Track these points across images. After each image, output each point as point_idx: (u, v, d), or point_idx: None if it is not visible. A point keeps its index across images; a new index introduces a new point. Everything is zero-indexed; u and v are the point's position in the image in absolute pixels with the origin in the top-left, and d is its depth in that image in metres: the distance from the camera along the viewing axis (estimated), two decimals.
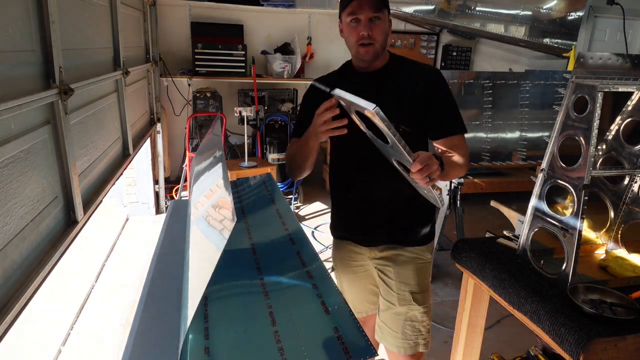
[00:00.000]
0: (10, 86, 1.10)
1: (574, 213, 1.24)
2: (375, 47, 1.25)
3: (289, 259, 1.16)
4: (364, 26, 1.23)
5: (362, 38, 1.24)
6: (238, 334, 0.88)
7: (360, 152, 1.34)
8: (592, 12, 4.08)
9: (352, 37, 1.26)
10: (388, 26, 1.28)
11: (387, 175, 1.33)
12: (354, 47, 1.28)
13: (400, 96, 1.30)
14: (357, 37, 1.24)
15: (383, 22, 1.25)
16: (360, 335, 0.87)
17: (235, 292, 1.05)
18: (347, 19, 1.26)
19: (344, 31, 1.30)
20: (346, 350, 0.82)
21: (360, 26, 1.23)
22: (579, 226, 1.23)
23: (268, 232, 1.32)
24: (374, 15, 1.22)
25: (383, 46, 1.28)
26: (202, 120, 3.71)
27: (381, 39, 1.26)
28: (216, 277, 0.98)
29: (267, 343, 0.85)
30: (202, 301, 0.96)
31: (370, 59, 1.28)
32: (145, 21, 3.30)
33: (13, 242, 1.08)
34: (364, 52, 1.26)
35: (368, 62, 1.29)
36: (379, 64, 1.33)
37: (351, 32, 1.26)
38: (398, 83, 1.32)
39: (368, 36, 1.23)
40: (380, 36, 1.25)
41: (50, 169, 1.33)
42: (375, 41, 1.24)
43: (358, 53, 1.28)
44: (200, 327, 0.89)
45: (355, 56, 1.32)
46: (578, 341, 1.09)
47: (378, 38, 1.24)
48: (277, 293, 1.01)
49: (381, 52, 1.29)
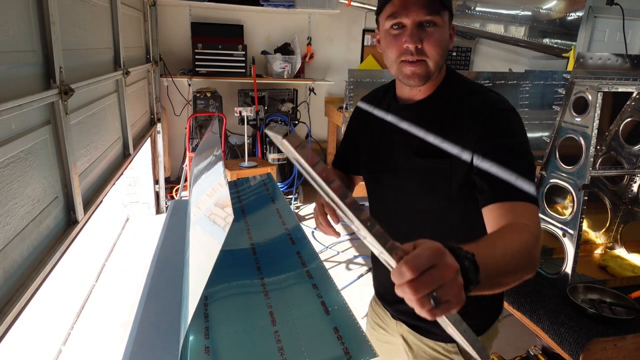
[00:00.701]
0: (11, 86, 1.10)
1: (574, 213, 1.24)
2: (426, 66, 0.87)
3: (289, 258, 1.16)
4: (411, 35, 0.84)
5: (405, 52, 0.86)
6: (238, 334, 0.88)
7: (383, 199, 1.04)
8: (592, 12, 4.08)
9: (391, 50, 0.89)
10: (449, 36, 0.89)
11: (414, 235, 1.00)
12: (394, 65, 0.90)
13: (442, 148, 0.90)
14: (399, 50, 0.87)
15: (441, 30, 0.86)
16: (361, 335, 0.87)
17: (235, 292, 1.05)
18: (386, 24, 0.88)
19: (382, 41, 0.92)
20: (346, 350, 0.82)
21: (404, 35, 0.86)
22: (579, 226, 1.23)
23: (268, 232, 1.33)
24: (426, 19, 0.84)
25: (439, 65, 0.88)
26: (202, 120, 3.71)
27: (436, 55, 0.86)
28: (217, 277, 0.99)
29: (267, 343, 0.85)
30: (202, 301, 0.97)
31: (418, 83, 0.89)
32: (146, 21, 3.30)
33: (14, 242, 1.08)
34: (409, 73, 0.88)
35: (415, 86, 0.91)
36: (423, 92, 0.94)
37: (391, 44, 0.88)
38: (444, 125, 0.90)
39: (416, 50, 0.85)
40: (435, 50, 0.86)
41: (51, 169, 1.33)
42: (427, 56, 0.86)
43: (400, 73, 0.90)
44: (201, 327, 0.89)
45: (397, 76, 0.93)
46: (577, 341, 1.09)
47: (431, 53, 0.86)
48: (277, 293, 1.01)
49: (435, 73, 0.89)
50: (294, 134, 0.49)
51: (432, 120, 0.92)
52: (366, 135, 1.08)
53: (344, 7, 3.95)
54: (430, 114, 0.93)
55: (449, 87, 0.94)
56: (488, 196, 0.81)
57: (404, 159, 0.96)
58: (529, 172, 0.81)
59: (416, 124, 0.95)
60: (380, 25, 0.93)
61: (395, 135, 0.98)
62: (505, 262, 0.64)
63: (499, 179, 0.81)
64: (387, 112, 1.02)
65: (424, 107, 0.94)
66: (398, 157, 0.97)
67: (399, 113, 0.98)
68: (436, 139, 0.91)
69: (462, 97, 0.91)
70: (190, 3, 3.76)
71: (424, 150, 0.92)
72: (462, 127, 0.87)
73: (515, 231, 0.71)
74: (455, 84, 0.94)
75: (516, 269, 0.66)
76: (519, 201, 0.78)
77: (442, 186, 0.91)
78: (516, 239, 0.69)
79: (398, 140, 0.97)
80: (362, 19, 4.26)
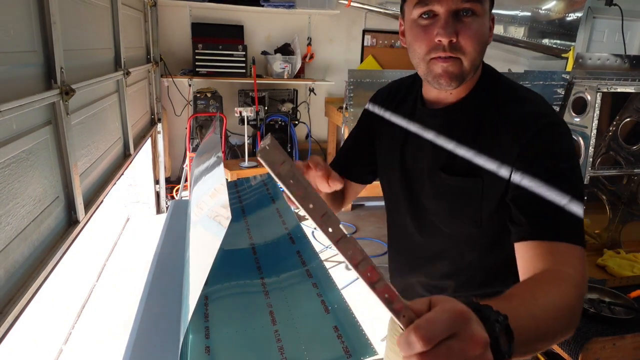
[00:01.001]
0: (12, 87, 1.10)
1: None
2: (460, 65, 0.72)
3: (289, 258, 1.16)
4: (444, 26, 0.69)
5: (436, 48, 0.71)
6: (238, 333, 0.88)
7: (401, 219, 0.93)
8: (591, 13, 4.09)
9: (419, 44, 0.73)
10: (488, 29, 0.75)
11: (434, 262, 0.88)
12: (421, 63, 0.75)
13: (475, 163, 0.76)
14: (429, 45, 0.72)
15: (480, 21, 0.71)
16: (361, 334, 0.87)
17: (235, 292, 1.05)
18: (413, 13, 0.73)
19: (407, 34, 0.77)
20: (346, 349, 0.83)
21: (436, 26, 0.70)
22: None
23: (268, 231, 1.33)
24: (463, 6, 0.70)
25: (476, 64, 0.74)
26: (202, 120, 3.71)
27: (473, 52, 0.72)
28: (217, 277, 0.99)
29: (268, 342, 0.85)
30: (202, 300, 0.97)
31: (449, 85, 0.73)
32: (146, 22, 3.31)
33: (15, 242, 1.09)
34: (439, 71, 0.73)
35: (445, 88, 0.75)
36: (456, 95, 0.79)
37: (419, 37, 0.73)
38: (478, 135, 0.76)
39: (449, 45, 0.70)
40: (473, 45, 0.71)
41: (52, 169, 1.33)
42: (463, 53, 0.71)
43: (429, 73, 0.74)
44: (201, 327, 0.89)
45: (425, 77, 0.77)
46: (577, 340, 1.10)
47: (468, 49, 0.71)
48: (277, 292, 1.02)
49: (470, 73, 0.74)
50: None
51: (464, 130, 0.77)
52: (382, 140, 0.93)
53: (344, 8, 3.96)
54: (462, 121, 0.78)
55: (485, 89, 0.78)
56: (524, 231, 0.67)
57: (428, 175, 0.82)
58: (578, 205, 0.66)
59: (444, 133, 0.79)
60: (405, 14, 0.76)
61: (418, 146, 0.84)
62: (545, 325, 0.52)
63: (541, 211, 0.67)
64: (410, 116, 0.87)
65: (455, 113, 0.79)
66: (421, 171, 0.84)
67: (425, 119, 0.83)
68: (468, 152, 0.76)
69: (503, 104, 0.76)
70: (190, 4, 3.76)
71: (453, 165, 0.78)
72: (501, 141, 0.72)
73: (558, 283, 0.58)
74: (493, 86, 0.79)
75: (556, 331, 0.54)
76: (562, 242, 0.64)
77: (471, 209, 0.78)
78: (558, 293, 0.56)
79: (422, 152, 0.84)
80: (362, 20, 4.26)
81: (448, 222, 0.84)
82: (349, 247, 0.37)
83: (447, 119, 0.80)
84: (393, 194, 0.94)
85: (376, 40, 4.35)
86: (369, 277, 0.37)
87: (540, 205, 0.67)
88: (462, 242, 0.84)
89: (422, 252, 0.90)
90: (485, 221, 0.78)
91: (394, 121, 0.90)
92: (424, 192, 0.85)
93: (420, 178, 0.85)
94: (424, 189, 0.85)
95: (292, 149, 3.96)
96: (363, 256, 0.37)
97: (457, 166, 0.78)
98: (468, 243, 0.84)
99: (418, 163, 0.85)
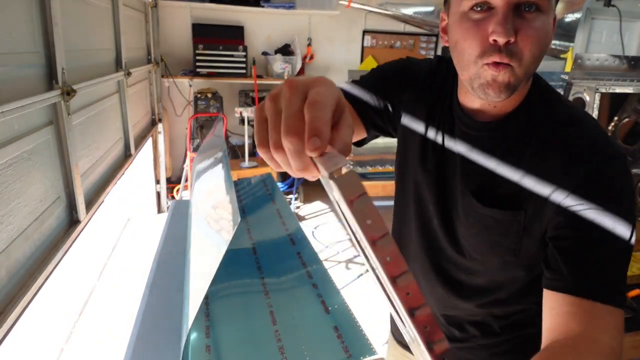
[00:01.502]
0: (14, 87, 1.11)
1: None
2: (512, 73, 0.58)
3: (289, 258, 1.17)
4: (502, 22, 0.55)
5: (491, 50, 0.57)
6: (239, 333, 0.89)
7: (424, 239, 0.81)
8: (590, 14, 4.09)
9: (469, 44, 0.59)
10: (552, 29, 0.61)
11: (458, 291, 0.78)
12: (471, 66, 0.60)
13: (517, 194, 0.65)
14: (482, 45, 0.58)
15: (544, 20, 0.58)
16: (361, 334, 0.88)
17: (236, 292, 1.06)
18: (463, 5, 0.60)
19: (453, 30, 0.63)
20: (346, 349, 0.83)
21: (491, 21, 0.57)
22: None
23: (268, 232, 1.33)
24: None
25: (530, 73, 0.61)
26: (203, 120, 3.72)
27: (530, 58, 0.58)
28: (217, 277, 0.99)
29: (268, 342, 0.85)
30: (203, 300, 0.97)
31: (496, 96, 0.60)
32: (147, 22, 3.32)
33: (17, 242, 1.09)
34: (489, 81, 0.59)
35: (490, 99, 0.61)
36: (501, 108, 0.66)
37: (469, 33, 0.59)
38: (523, 160, 0.64)
39: (505, 47, 0.57)
40: (531, 50, 0.58)
41: (53, 169, 1.34)
42: (518, 59, 0.58)
43: (476, 79, 0.60)
44: (202, 326, 0.90)
45: (469, 84, 0.62)
46: None
47: (526, 53, 0.57)
48: (277, 293, 1.02)
49: (522, 83, 0.61)
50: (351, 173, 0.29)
51: (505, 153, 0.65)
52: (409, 134, 0.80)
53: (344, 8, 3.96)
54: (504, 142, 0.66)
55: (536, 103, 0.66)
56: (563, 281, 0.57)
57: (460, 201, 0.71)
58: (625, 261, 0.57)
59: (482, 153, 0.67)
60: (452, 5, 0.63)
61: (451, 162, 0.71)
62: None
63: (585, 263, 0.57)
64: (446, 123, 0.73)
65: (498, 131, 0.66)
66: (452, 195, 0.72)
67: (461, 133, 0.70)
68: (509, 180, 0.65)
69: (555, 126, 0.64)
70: (191, 4, 3.77)
71: (488, 193, 0.67)
72: (550, 170, 0.62)
73: (596, 357, 0.51)
74: (544, 102, 0.66)
75: None
76: (604, 304, 0.54)
77: (508, 242, 0.67)
78: (583, 353, 0.51)
79: (453, 171, 0.71)
80: (362, 20, 4.27)
81: (480, 252, 0.73)
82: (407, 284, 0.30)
83: (488, 138, 0.68)
84: (417, 200, 0.80)
85: (376, 40, 4.35)
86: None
87: (585, 256, 0.57)
88: (493, 268, 0.74)
89: (443, 281, 0.79)
90: (524, 251, 0.68)
91: (430, 119, 0.76)
92: (452, 219, 0.74)
93: (451, 201, 0.74)
94: (452, 215, 0.74)
95: None
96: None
97: (493, 195, 0.66)
98: (500, 269, 0.73)
99: (447, 183, 0.74)
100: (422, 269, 0.82)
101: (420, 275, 0.83)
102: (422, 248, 0.81)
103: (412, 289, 0.28)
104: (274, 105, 0.37)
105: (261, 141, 0.37)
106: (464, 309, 0.80)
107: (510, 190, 0.65)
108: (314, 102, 0.35)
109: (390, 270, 0.28)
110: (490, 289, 0.76)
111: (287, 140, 0.34)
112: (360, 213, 0.28)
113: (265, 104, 0.38)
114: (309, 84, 0.37)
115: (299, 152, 0.34)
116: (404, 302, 0.27)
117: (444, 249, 0.77)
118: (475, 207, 0.68)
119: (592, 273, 0.57)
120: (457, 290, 0.79)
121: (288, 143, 0.34)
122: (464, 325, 0.82)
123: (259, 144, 0.37)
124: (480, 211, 0.68)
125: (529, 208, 0.64)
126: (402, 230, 0.87)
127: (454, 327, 0.83)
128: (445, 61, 0.77)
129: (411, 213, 0.82)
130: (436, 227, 0.77)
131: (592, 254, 0.58)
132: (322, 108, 0.35)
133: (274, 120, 0.36)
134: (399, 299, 0.28)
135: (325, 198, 4.18)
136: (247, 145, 3.57)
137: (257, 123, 0.38)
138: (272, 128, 0.36)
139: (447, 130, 0.73)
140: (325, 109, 0.35)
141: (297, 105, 0.35)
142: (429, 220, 0.78)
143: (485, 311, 0.79)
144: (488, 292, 0.76)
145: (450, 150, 0.73)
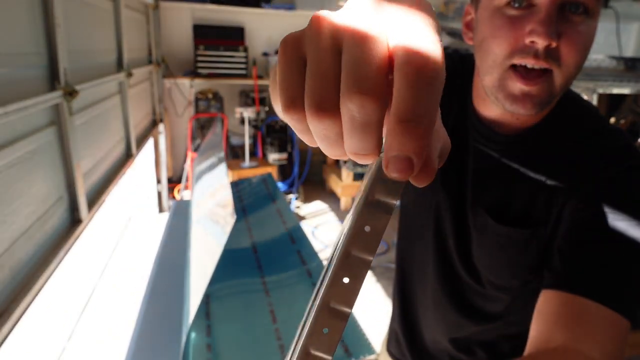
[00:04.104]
0: (17, 88, 1.12)
1: None
2: (550, 84, 0.52)
3: (290, 257, 1.18)
4: (545, 21, 0.48)
5: (526, 51, 0.50)
6: (239, 331, 0.90)
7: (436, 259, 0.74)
8: None
9: (499, 41, 0.52)
10: (594, 34, 0.53)
11: (450, 307, 0.73)
12: (496, 68, 0.53)
13: (536, 212, 0.59)
14: (515, 44, 0.51)
15: (591, 24, 0.51)
16: (360, 333, 0.88)
17: (236, 291, 1.07)
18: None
19: (482, 26, 0.55)
20: (346, 347, 0.84)
21: (531, 20, 0.49)
22: None
23: (269, 231, 1.34)
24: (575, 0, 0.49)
25: (568, 84, 0.54)
26: (203, 121, 3.73)
27: (572, 66, 0.51)
28: (218, 276, 1.01)
29: (268, 340, 0.86)
30: (204, 299, 0.98)
31: (528, 111, 0.53)
32: (148, 24, 3.33)
33: (20, 241, 1.10)
34: (516, 93, 0.52)
35: (519, 114, 0.55)
36: (522, 120, 0.59)
37: (501, 30, 0.51)
38: (544, 176, 0.58)
39: (545, 52, 0.49)
40: (576, 57, 0.51)
41: (56, 169, 1.35)
42: (559, 65, 0.50)
43: (501, 88, 0.54)
44: (202, 325, 0.91)
45: (491, 92, 0.55)
46: None
47: (568, 60, 0.50)
48: (277, 291, 1.03)
49: (557, 96, 0.55)
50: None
51: (526, 166, 0.59)
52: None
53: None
54: (525, 155, 0.59)
55: (562, 115, 0.58)
56: (556, 278, 0.51)
57: (474, 219, 0.64)
58: (624, 264, 0.49)
59: (498, 168, 0.61)
60: (481, 0, 0.56)
61: (465, 179, 0.65)
62: None
63: (587, 259, 0.51)
64: (460, 131, 0.64)
65: (518, 145, 0.60)
66: (465, 212, 0.66)
67: (475, 145, 0.63)
68: (529, 198, 0.58)
69: (582, 139, 0.58)
70: (192, 6, 3.78)
71: (507, 213, 0.60)
72: (570, 182, 0.56)
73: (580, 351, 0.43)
74: (574, 113, 0.59)
75: None
76: (599, 303, 0.45)
77: (528, 259, 0.61)
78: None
79: (467, 186, 0.65)
80: None
81: (497, 273, 0.66)
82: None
83: (504, 151, 0.60)
84: (436, 219, 0.72)
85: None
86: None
87: (590, 254, 0.51)
88: (511, 288, 0.67)
89: (468, 294, 0.72)
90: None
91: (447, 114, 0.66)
92: (466, 238, 0.68)
93: (464, 218, 0.67)
94: (465, 234, 0.67)
95: (292, 149, 3.97)
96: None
97: (512, 215, 0.60)
98: (519, 290, 0.66)
99: (460, 200, 0.66)
100: (434, 293, 0.75)
101: (430, 299, 0.77)
102: (437, 275, 0.73)
103: (333, 332, 0.21)
104: (326, 38, 0.20)
105: (292, 97, 0.21)
106: (475, 332, 0.74)
107: (528, 206, 0.59)
108: (418, 49, 0.18)
109: (332, 296, 0.21)
110: (508, 311, 0.69)
111: (356, 102, 0.18)
112: (368, 215, 0.20)
113: (305, 33, 0.21)
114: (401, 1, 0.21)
115: (374, 124, 0.19)
116: (311, 336, 0.22)
117: (460, 276, 0.70)
118: (490, 224, 0.61)
119: (592, 270, 0.49)
120: (473, 315, 0.72)
121: (357, 107, 0.18)
122: (473, 348, 0.75)
123: (288, 101, 0.21)
124: (498, 231, 0.61)
125: (550, 222, 0.58)
126: (414, 250, 0.80)
127: (462, 352, 0.76)
128: (462, 59, 0.69)
129: (429, 234, 0.73)
130: (452, 250, 0.69)
131: (599, 254, 0.51)
132: (435, 61, 0.18)
133: (327, 64, 0.20)
134: (310, 330, 0.22)
135: (325, 198, 4.19)
136: (247, 145, 3.58)
137: (285, 66, 0.21)
138: (321, 76, 0.20)
139: (459, 139, 0.65)
140: (438, 62, 0.18)
141: (382, 42, 0.19)
142: (444, 240, 0.71)
143: (498, 332, 0.73)
144: (506, 314, 0.70)
145: (463, 163, 0.66)
